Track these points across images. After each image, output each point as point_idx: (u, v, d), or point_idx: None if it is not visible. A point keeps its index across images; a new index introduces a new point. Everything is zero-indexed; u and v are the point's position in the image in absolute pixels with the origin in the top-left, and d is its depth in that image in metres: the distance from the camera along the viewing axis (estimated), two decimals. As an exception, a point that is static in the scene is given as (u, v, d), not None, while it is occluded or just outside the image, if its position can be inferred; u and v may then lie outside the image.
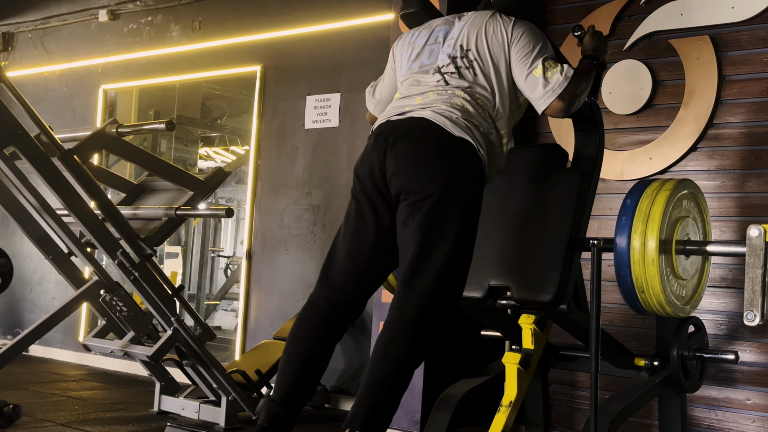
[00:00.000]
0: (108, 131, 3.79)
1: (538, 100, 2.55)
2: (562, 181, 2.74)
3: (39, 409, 4.12)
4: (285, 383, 2.45)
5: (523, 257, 2.70)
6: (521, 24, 2.61)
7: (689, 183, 2.73)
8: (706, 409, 3.68)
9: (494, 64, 2.58)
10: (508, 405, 2.77)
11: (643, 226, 2.53)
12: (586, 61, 2.68)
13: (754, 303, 2.29)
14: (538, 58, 2.55)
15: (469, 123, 2.47)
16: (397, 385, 2.32)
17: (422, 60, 2.67)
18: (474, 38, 2.61)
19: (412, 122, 2.49)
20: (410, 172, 2.42)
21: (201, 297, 7.78)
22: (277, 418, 2.41)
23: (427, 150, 2.44)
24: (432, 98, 2.54)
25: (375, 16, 4.79)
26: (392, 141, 2.47)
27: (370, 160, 2.51)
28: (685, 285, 2.71)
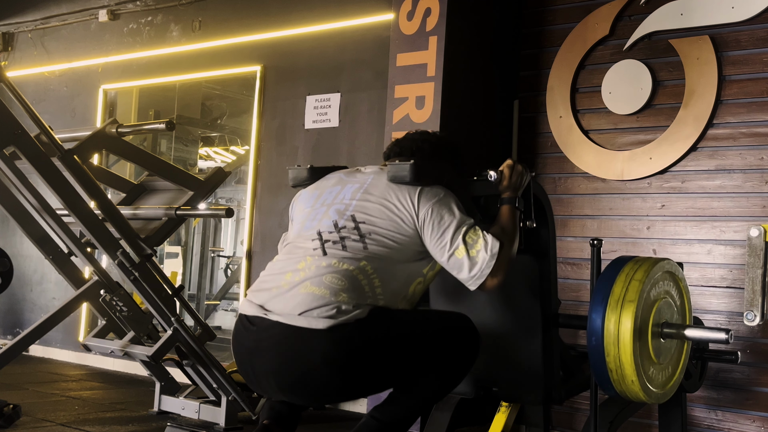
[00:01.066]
0: (108, 131, 3.79)
1: (468, 281, 2.33)
2: (521, 269, 2.59)
3: (39, 409, 4.12)
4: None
5: (504, 353, 2.67)
6: (428, 196, 2.35)
7: (665, 263, 2.54)
8: (706, 409, 3.68)
9: (396, 240, 2.32)
10: (508, 405, 2.78)
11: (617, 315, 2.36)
12: (506, 209, 2.46)
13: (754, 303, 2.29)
14: (457, 236, 2.31)
15: (344, 298, 2.21)
16: (416, 414, 2.38)
17: (305, 224, 2.44)
18: (371, 210, 2.36)
19: (274, 330, 2.24)
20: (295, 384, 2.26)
21: (201, 297, 7.78)
22: (281, 415, 2.41)
23: (299, 363, 2.21)
24: (302, 275, 2.28)
25: (375, 16, 4.79)
26: (260, 350, 2.28)
27: (242, 359, 2.36)
28: (665, 367, 2.57)
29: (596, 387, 2.52)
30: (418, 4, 3.97)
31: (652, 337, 2.42)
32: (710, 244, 3.75)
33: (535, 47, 4.30)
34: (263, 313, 2.28)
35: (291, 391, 2.29)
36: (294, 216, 2.58)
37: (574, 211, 4.10)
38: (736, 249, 3.66)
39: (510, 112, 4.33)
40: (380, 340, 2.25)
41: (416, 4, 3.97)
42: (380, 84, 4.49)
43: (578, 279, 4.02)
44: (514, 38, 4.34)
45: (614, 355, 2.35)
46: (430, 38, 3.91)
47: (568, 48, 4.15)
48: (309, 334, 2.17)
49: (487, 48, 4.21)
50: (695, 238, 3.78)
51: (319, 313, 2.18)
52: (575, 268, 4.05)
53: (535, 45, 4.30)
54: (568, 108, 4.12)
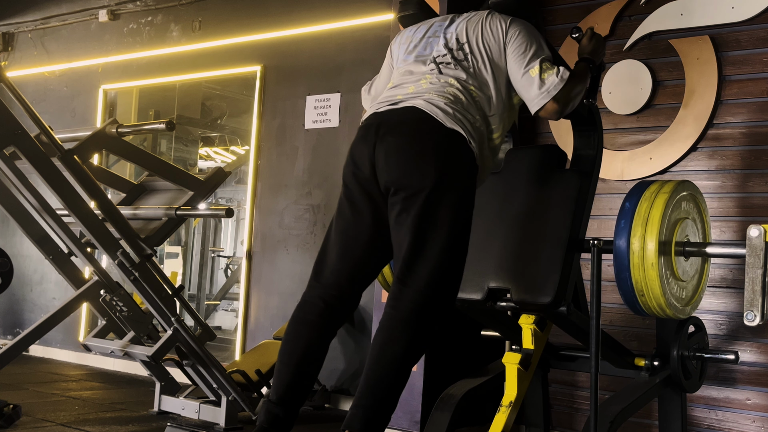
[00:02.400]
0: (108, 131, 3.79)
1: (533, 100, 2.53)
2: (561, 183, 2.74)
3: (39, 409, 4.12)
4: (282, 383, 2.45)
5: (522, 259, 2.70)
6: (518, 23, 2.60)
7: (688, 184, 2.73)
8: (706, 409, 3.68)
9: (490, 60, 2.56)
10: (508, 405, 2.78)
11: (642, 229, 2.52)
12: (582, 64, 2.68)
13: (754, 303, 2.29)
14: (534, 59, 2.53)
15: (461, 115, 2.45)
16: (395, 385, 2.32)
17: (418, 51, 2.66)
18: (471, 33, 2.60)
19: (401, 113, 2.46)
20: (400, 166, 2.40)
21: (201, 297, 7.78)
22: (277, 418, 2.41)
23: (417, 143, 2.41)
24: (425, 87, 2.52)
25: (375, 16, 4.80)
26: (382, 134, 2.44)
27: (360, 154, 2.48)
28: (685, 286, 2.71)
29: (596, 387, 2.53)
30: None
31: (675, 254, 2.59)
32: (710, 244, 3.74)
33: (535, 47, 4.30)
34: (393, 106, 2.49)
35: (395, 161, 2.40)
36: (397, 52, 2.77)
37: (574, 211, 4.09)
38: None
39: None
40: (467, 191, 2.44)
41: (416, 4, 3.97)
42: (380, 84, 4.48)
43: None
44: (514, 38, 4.34)
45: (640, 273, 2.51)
46: (430, 38, 3.91)
47: (568, 48, 4.15)
48: (434, 122, 2.40)
49: (487, 48, 4.21)
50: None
51: (444, 113, 2.41)
52: (575, 268, 4.04)
53: (535, 45, 4.30)
54: (568, 108, 4.12)
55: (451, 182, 2.40)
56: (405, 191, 2.39)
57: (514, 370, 2.73)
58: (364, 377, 2.33)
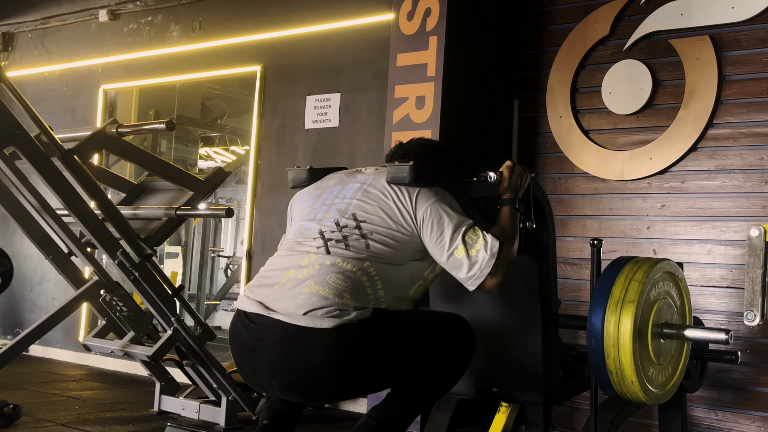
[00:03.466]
0: (108, 131, 3.79)
1: (467, 281, 2.33)
2: (521, 269, 2.58)
3: (39, 409, 4.12)
4: None
5: (503, 354, 2.67)
6: (425, 196, 2.35)
7: (665, 263, 2.54)
8: (706, 409, 3.68)
9: (394, 239, 2.32)
10: (508, 405, 2.78)
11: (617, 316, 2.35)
12: (506, 210, 2.46)
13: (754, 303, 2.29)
14: (456, 236, 2.30)
15: (348, 299, 2.21)
16: (414, 414, 2.39)
17: (306, 223, 2.43)
18: (371, 210, 2.35)
19: (275, 329, 2.23)
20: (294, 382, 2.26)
21: (201, 297, 7.78)
22: (280, 415, 2.43)
23: (301, 363, 2.21)
24: (305, 273, 2.27)
25: (375, 16, 4.79)
26: (261, 349, 2.26)
27: (242, 356, 2.34)
28: (665, 368, 2.57)
29: (596, 387, 2.52)
30: (418, 4, 3.97)
31: (651, 337, 2.42)
32: (710, 244, 3.74)
33: (535, 47, 4.30)
34: (265, 311, 2.26)
35: (292, 389, 2.29)
36: (293, 216, 2.58)
37: (574, 211, 4.10)
38: (736, 249, 3.66)
39: (510, 112, 4.33)
40: (382, 340, 2.25)
41: (416, 4, 3.97)
42: (380, 84, 4.49)
43: (578, 279, 4.01)
44: (514, 38, 4.34)
45: (614, 357, 2.35)
46: (430, 38, 3.91)
47: (568, 48, 4.15)
48: (313, 334, 2.16)
49: (487, 48, 4.21)
50: (695, 238, 3.78)
51: (323, 313, 2.17)
52: (575, 268, 4.05)
53: (535, 45, 4.30)
54: (568, 108, 4.12)
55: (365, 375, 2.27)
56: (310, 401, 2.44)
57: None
58: (389, 398, 2.38)
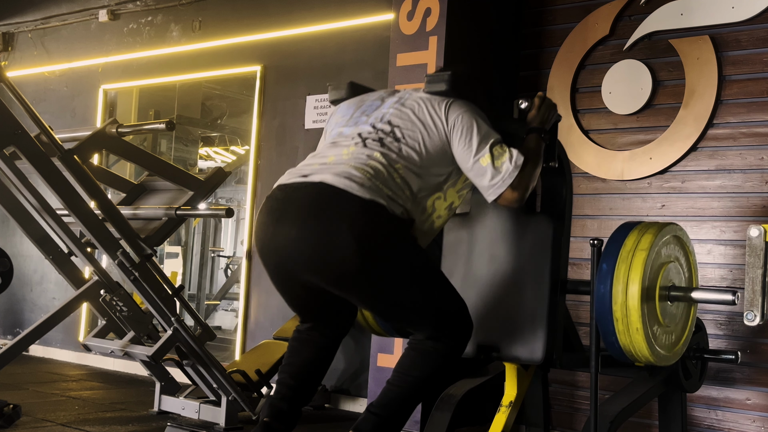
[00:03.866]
0: (108, 131, 3.79)
1: (487, 189, 2.37)
2: (534, 228, 2.62)
3: (39, 409, 4.12)
4: (286, 386, 2.48)
5: (507, 313, 2.65)
6: (458, 106, 2.42)
7: (672, 227, 2.61)
8: (706, 409, 3.68)
9: (425, 145, 2.37)
10: (508, 405, 2.78)
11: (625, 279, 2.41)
12: (533, 136, 2.51)
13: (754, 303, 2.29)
14: (483, 146, 2.36)
15: (382, 185, 2.26)
16: (411, 405, 2.38)
17: (345, 129, 2.49)
18: (404, 118, 2.42)
19: (310, 189, 2.27)
20: (315, 253, 2.22)
21: (201, 297, 7.78)
22: (281, 412, 2.44)
23: (328, 223, 2.21)
24: (345, 157, 2.34)
25: (375, 16, 4.79)
26: (290, 216, 2.26)
27: (269, 235, 2.31)
28: (672, 331, 2.61)
29: (596, 387, 2.52)
30: (418, 4, 3.97)
31: (659, 299, 2.48)
32: (710, 244, 3.74)
33: (535, 47, 4.30)
34: (301, 178, 2.31)
35: (309, 256, 2.23)
36: (329, 128, 2.62)
37: (574, 211, 4.08)
38: (736, 249, 3.66)
39: (510, 113, 4.32)
40: (402, 249, 2.28)
41: (416, 4, 3.97)
42: (380, 84, 4.47)
43: (578, 279, 4.01)
44: (514, 38, 4.34)
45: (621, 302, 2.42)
46: (430, 38, 3.91)
47: (568, 48, 4.15)
48: (347, 196, 2.21)
49: (487, 48, 4.21)
50: (695, 238, 3.78)
51: (360, 185, 2.22)
52: (575, 268, 4.05)
53: (535, 45, 4.30)
54: (568, 108, 4.12)
55: (377, 254, 2.23)
56: (331, 276, 2.24)
57: (514, 370, 2.73)
58: (386, 389, 2.37)
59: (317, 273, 2.26)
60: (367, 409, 2.37)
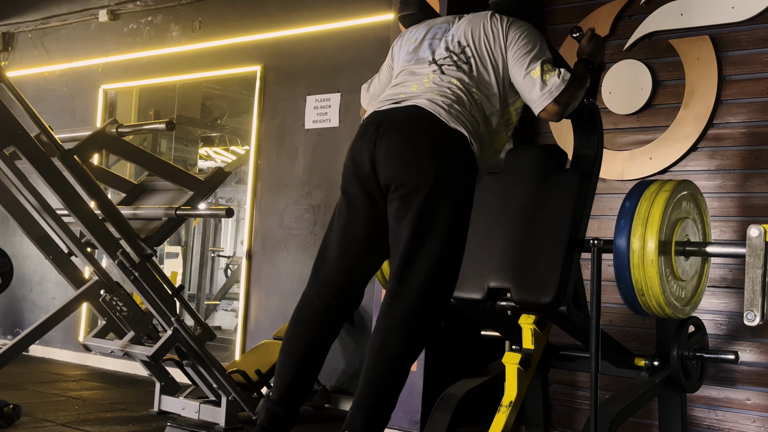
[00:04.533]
0: (108, 131, 3.79)
1: (535, 101, 2.55)
2: (561, 182, 2.74)
3: (39, 409, 4.12)
4: (283, 383, 2.46)
5: (522, 259, 2.70)
6: (519, 24, 2.62)
7: (688, 184, 2.73)
8: (706, 409, 3.68)
9: (491, 62, 2.58)
10: (508, 405, 2.78)
11: (642, 228, 2.53)
12: (581, 65, 2.69)
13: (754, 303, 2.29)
14: (536, 60, 2.55)
15: (463, 115, 2.47)
16: (394, 384, 2.33)
17: (419, 54, 2.67)
18: (472, 36, 2.61)
19: (404, 111, 2.48)
20: (400, 163, 2.41)
21: (201, 297, 7.78)
22: (277, 417, 2.42)
23: (418, 140, 2.43)
24: (427, 86, 2.54)
25: (375, 16, 4.79)
26: (383, 131, 2.46)
27: (359, 151, 2.49)
28: (685, 286, 2.72)
29: (596, 387, 2.53)
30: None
31: (675, 254, 2.59)
32: (710, 244, 3.74)
33: (535, 47, 4.30)
34: (396, 105, 2.51)
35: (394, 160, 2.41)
36: (397, 52, 2.76)
37: (574, 211, 4.09)
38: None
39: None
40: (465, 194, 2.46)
41: (416, 4, 3.97)
42: (380, 84, 4.48)
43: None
44: (514, 38, 4.34)
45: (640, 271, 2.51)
46: (430, 38, 3.91)
47: (569, 48, 4.15)
48: (436, 121, 2.42)
49: (487, 48, 4.21)
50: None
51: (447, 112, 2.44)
52: (575, 268, 4.04)
53: (535, 45, 4.30)
54: (568, 108, 4.12)
55: (450, 181, 2.41)
56: (404, 188, 2.40)
57: (514, 370, 2.73)
58: (363, 377, 2.33)
59: (394, 177, 2.42)
60: (351, 407, 2.33)
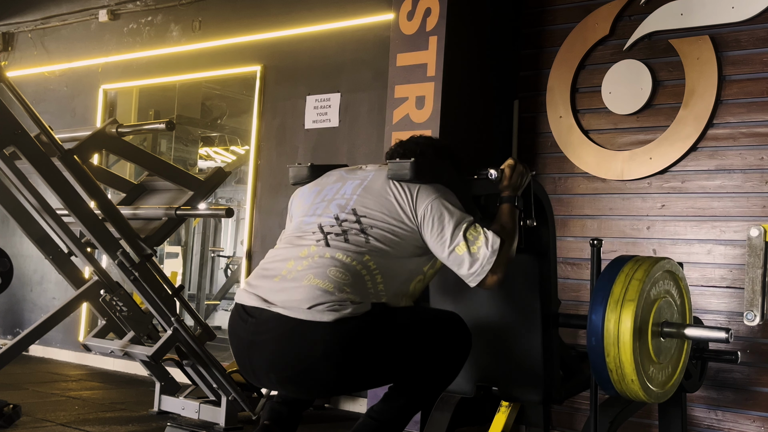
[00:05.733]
0: (108, 131, 3.79)
1: (469, 277, 2.34)
2: (521, 267, 2.59)
3: (39, 409, 4.12)
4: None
5: (503, 351, 2.68)
6: (426, 193, 2.36)
7: (666, 261, 2.55)
8: (706, 409, 3.68)
9: (395, 235, 2.33)
10: (508, 405, 2.78)
11: (617, 314, 2.36)
12: (506, 207, 2.47)
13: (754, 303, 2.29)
14: (457, 233, 2.32)
15: (347, 292, 2.20)
16: (412, 412, 2.38)
17: (306, 218, 2.46)
18: (370, 206, 2.37)
19: (273, 323, 2.23)
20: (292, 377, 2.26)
21: (201, 297, 7.78)
22: (281, 416, 2.43)
23: (298, 362, 2.21)
24: (305, 264, 2.28)
25: (375, 16, 4.79)
26: (256, 345, 2.28)
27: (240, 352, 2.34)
28: (665, 367, 2.57)
29: (596, 387, 2.52)
30: (418, 4, 3.97)
31: (652, 336, 2.42)
32: (710, 244, 3.74)
33: (535, 47, 4.30)
34: (264, 304, 2.26)
35: (290, 383, 2.30)
36: (293, 212, 2.60)
37: (574, 211, 4.10)
38: (736, 249, 3.66)
39: (510, 112, 4.33)
40: (381, 334, 2.26)
41: (416, 4, 3.97)
42: (380, 84, 4.49)
43: (578, 279, 4.01)
44: (514, 38, 4.34)
45: (614, 355, 2.35)
46: (430, 38, 3.91)
47: (568, 48, 4.15)
48: (313, 327, 2.16)
49: (487, 48, 4.21)
50: (695, 238, 3.78)
51: (324, 307, 2.17)
52: (575, 268, 4.05)
53: (535, 45, 4.30)
54: (568, 108, 4.13)
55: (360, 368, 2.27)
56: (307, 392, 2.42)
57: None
58: (388, 395, 2.37)
59: (297, 391, 2.40)
60: (366, 413, 2.37)
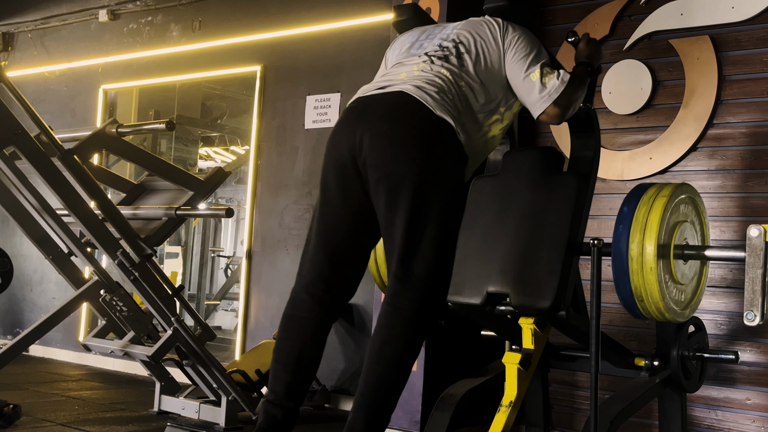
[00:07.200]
0: (108, 131, 3.79)
1: (534, 104, 2.54)
2: (559, 185, 2.72)
3: (39, 409, 4.12)
4: (280, 383, 2.45)
5: (521, 263, 2.68)
6: (516, 28, 2.62)
7: (686, 187, 2.72)
8: (706, 409, 3.68)
9: (485, 62, 2.56)
10: (508, 405, 2.77)
11: (641, 234, 2.51)
12: (580, 68, 2.68)
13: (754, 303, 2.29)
14: (535, 63, 2.54)
15: (450, 105, 2.44)
16: (394, 385, 2.34)
17: (411, 51, 2.66)
18: (467, 36, 2.60)
19: (389, 98, 2.44)
20: (386, 153, 2.36)
21: (201, 297, 7.78)
22: (275, 419, 2.41)
23: (403, 129, 2.38)
24: (416, 73, 2.50)
25: (375, 16, 4.80)
26: (366, 118, 2.41)
27: (340, 138, 2.44)
28: (684, 289, 2.71)
29: (596, 387, 2.52)
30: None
31: (674, 258, 2.57)
32: (710, 244, 3.74)
33: (535, 47, 4.30)
34: (381, 90, 2.47)
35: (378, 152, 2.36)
36: (391, 54, 2.76)
37: (574, 211, 4.09)
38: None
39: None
40: (453, 185, 2.46)
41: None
42: (380, 84, 4.48)
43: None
44: (514, 38, 4.34)
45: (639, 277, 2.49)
46: (430, 38, 3.91)
47: (568, 48, 4.15)
48: (422, 108, 2.37)
49: (487, 48, 4.21)
50: (695, 238, 3.78)
51: (433, 99, 2.39)
52: (575, 268, 4.04)
53: (535, 45, 4.30)
54: (568, 108, 4.12)
55: (441, 173, 2.39)
56: (391, 179, 2.34)
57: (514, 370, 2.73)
58: (364, 378, 2.34)
59: (378, 167, 2.37)
60: (352, 409, 2.34)
